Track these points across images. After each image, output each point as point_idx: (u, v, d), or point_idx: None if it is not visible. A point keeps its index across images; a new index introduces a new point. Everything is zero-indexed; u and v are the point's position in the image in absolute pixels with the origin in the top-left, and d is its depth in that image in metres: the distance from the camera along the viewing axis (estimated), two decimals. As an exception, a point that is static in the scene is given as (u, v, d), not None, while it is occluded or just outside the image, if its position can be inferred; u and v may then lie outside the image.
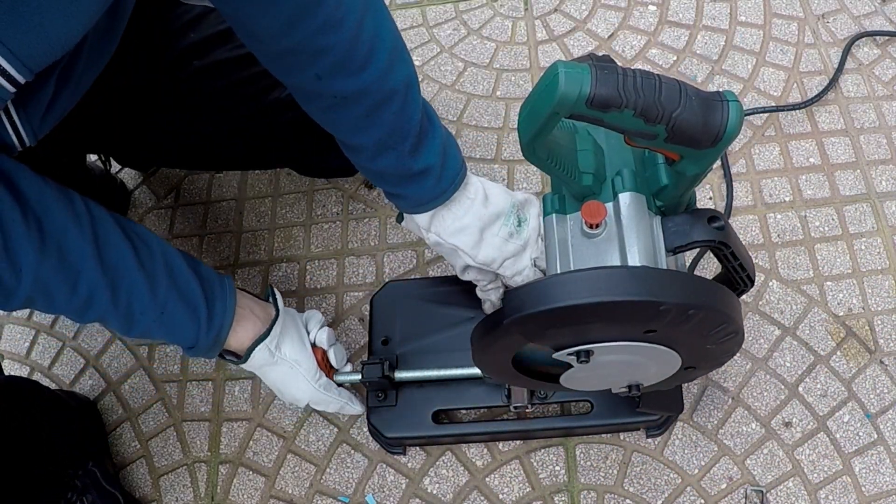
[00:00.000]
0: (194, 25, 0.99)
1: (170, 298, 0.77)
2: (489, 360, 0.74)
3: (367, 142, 0.81)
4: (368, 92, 0.77)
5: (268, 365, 0.89)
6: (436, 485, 1.02)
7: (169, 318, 0.78)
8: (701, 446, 1.01)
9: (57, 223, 0.69)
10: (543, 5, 1.38)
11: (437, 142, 0.83)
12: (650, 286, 0.60)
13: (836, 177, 1.17)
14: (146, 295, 0.75)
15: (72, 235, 0.70)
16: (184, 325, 0.80)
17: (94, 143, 1.15)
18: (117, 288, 0.73)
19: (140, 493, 1.07)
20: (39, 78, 0.64)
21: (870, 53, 1.26)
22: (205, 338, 0.82)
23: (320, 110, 0.81)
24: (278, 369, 0.90)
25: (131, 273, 0.74)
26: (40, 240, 0.67)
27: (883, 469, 0.98)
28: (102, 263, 0.71)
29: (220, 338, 0.83)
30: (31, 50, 0.56)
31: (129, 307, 0.75)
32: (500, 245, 0.88)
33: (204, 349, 0.83)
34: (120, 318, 0.75)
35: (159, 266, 0.77)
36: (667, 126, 0.59)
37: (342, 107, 0.78)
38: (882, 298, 1.08)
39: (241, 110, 1.03)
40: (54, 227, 0.68)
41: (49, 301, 0.71)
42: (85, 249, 0.70)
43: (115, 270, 0.73)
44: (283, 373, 0.90)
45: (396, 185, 0.85)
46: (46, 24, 0.56)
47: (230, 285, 0.85)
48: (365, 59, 0.75)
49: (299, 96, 0.82)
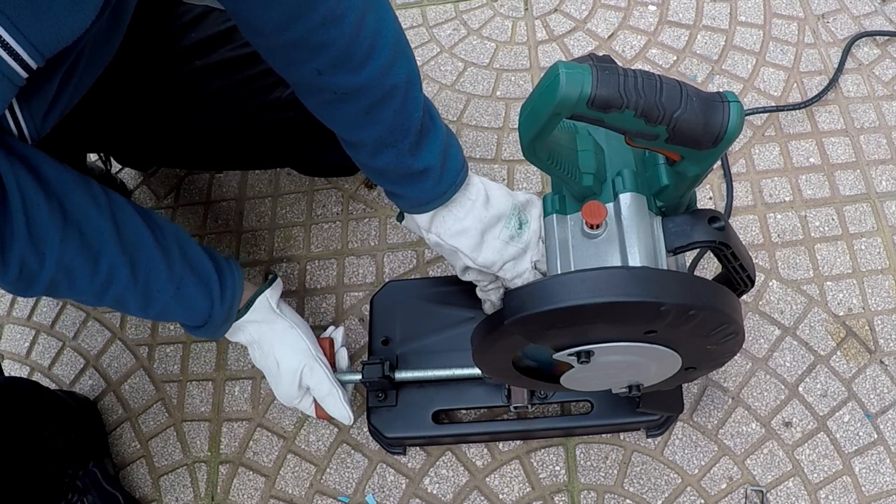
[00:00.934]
0: (195, 25, 0.99)
1: (185, 274, 0.80)
2: (489, 361, 0.74)
3: (367, 139, 0.81)
4: (369, 88, 0.77)
5: (267, 322, 0.90)
6: (436, 485, 1.02)
7: (185, 293, 0.81)
8: (701, 446, 1.01)
9: (78, 205, 0.71)
10: (543, 5, 1.38)
11: (438, 141, 0.83)
12: (650, 287, 0.60)
13: (836, 177, 1.17)
14: (163, 271, 0.78)
15: (92, 216, 0.72)
16: (198, 300, 0.82)
17: (95, 143, 1.15)
18: (136, 265, 0.76)
19: (140, 493, 1.07)
20: (45, 74, 0.64)
21: (870, 53, 1.26)
22: (219, 310, 0.84)
23: (320, 105, 0.81)
24: (277, 327, 0.90)
25: (149, 251, 0.77)
26: (63, 222, 0.69)
27: (883, 469, 0.98)
28: (122, 242, 0.74)
29: (232, 310, 0.86)
30: (43, 35, 0.56)
31: (147, 284, 0.77)
32: (501, 248, 0.87)
33: (218, 322, 0.85)
34: (139, 295, 0.78)
35: (173, 245, 0.80)
36: (668, 127, 0.59)
37: (342, 102, 0.78)
38: (882, 298, 1.08)
39: (241, 110, 1.03)
40: (76, 208, 0.70)
41: (71, 283, 0.73)
42: (104, 229, 0.73)
43: (133, 248, 0.75)
44: (282, 331, 0.90)
45: (396, 183, 0.85)
46: (56, 9, 0.57)
47: (236, 264, 0.88)
48: (366, 55, 0.75)
49: (300, 91, 0.82)
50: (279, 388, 0.92)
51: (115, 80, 0.91)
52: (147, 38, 0.96)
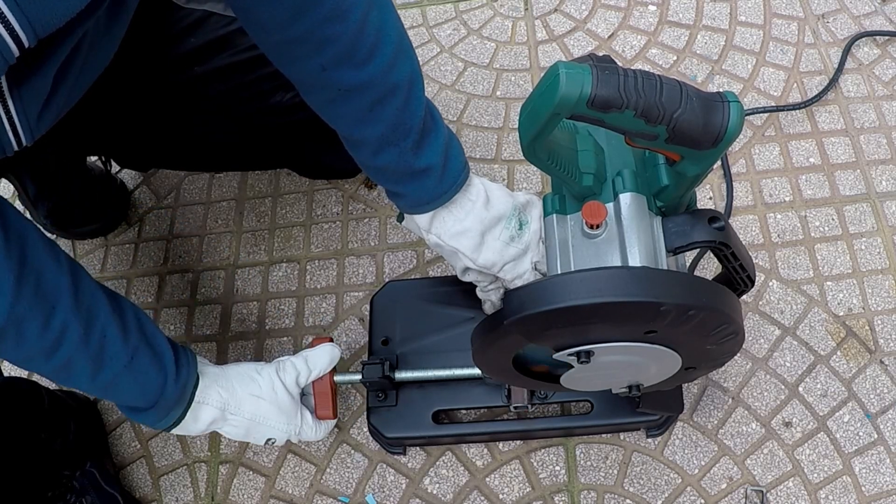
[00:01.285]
0: (194, 30, 0.99)
1: (140, 345, 0.76)
2: (489, 361, 0.74)
3: (370, 136, 0.81)
4: (372, 85, 0.77)
5: (221, 372, 0.86)
6: (436, 485, 1.02)
7: (139, 364, 0.76)
8: (701, 446, 1.01)
9: (37, 255, 0.67)
10: (543, 5, 1.38)
11: (439, 141, 0.83)
12: (651, 287, 0.60)
13: (836, 177, 1.17)
14: (119, 338, 0.73)
15: (50, 268, 0.68)
16: (151, 374, 0.77)
17: (95, 145, 1.15)
18: (91, 327, 0.71)
19: (140, 493, 1.07)
20: (38, 67, 0.63)
21: (870, 53, 1.26)
22: (172, 388, 0.79)
23: (324, 103, 0.81)
24: (230, 372, 0.87)
25: (105, 315, 0.73)
26: (20, 266, 0.65)
27: (883, 469, 0.98)
28: (78, 301, 0.70)
29: (186, 391, 0.81)
30: (38, 9, 0.55)
31: (100, 349, 0.72)
32: (501, 249, 0.87)
33: (171, 402, 0.80)
34: (90, 359, 0.72)
35: (131, 316, 0.76)
36: (668, 127, 0.59)
37: (346, 99, 0.78)
38: (882, 298, 1.08)
39: (241, 114, 1.03)
40: (35, 257, 0.67)
41: (19, 337, 0.67)
42: (62, 284, 0.69)
43: (89, 311, 0.71)
44: (236, 369, 0.87)
45: (397, 182, 0.85)
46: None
47: (192, 351, 0.84)
48: (369, 52, 0.75)
49: (303, 89, 0.82)
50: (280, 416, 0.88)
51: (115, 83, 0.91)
52: (147, 42, 0.96)
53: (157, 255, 1.23)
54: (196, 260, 1.22)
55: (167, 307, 1.18)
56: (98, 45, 0.74)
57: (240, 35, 0.98)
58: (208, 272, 1.21)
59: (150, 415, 0.80)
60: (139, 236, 1.25)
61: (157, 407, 0.79)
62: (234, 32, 0.98)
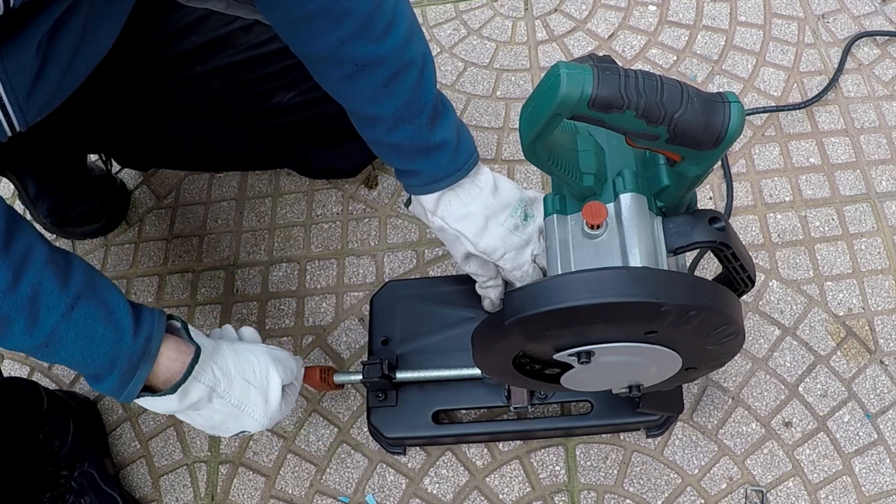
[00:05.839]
0: (195, 29, 0.99)
1: (84, 296, 0.67)
2: (490, 361, 0.74)
3: (386, 112, 0.82)
4: (388, 59, 0.79)
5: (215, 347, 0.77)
6: (436, 485, 1.02)
7: (80, 315, 0.67)
8: (701, 446, 1.01)
9: None
10: (543, 5, 1.38)
11: (451, 120, 0.85)
12: (651, 287, 0.61)
13: (836, 177, 1.17)
14: (55, 287, 0.65)
15: None
16: (98, 328, 0.68)
17: (95, 144, 1.15)
18: (21, 275, 0.64)
19: (140, 493, 1.07)
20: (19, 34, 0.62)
21: (870, 53, 1.26)
22: (131, 345, 0.69)
23: (339, 80, 0.82)
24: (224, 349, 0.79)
25: (40, 263, 0.65)
26: None
27: (883, 469, 0.98)
28: (6, 249, 0.63)
29: (150, 349, 0.70)
30: None
31: (34, 297, 0.65)
32: (505, 235, 0.88)
33: (134, 362, 0.69)
34: (21, 309, 0.64)
35: (78, 269, 0.69)
36: (668, 127, 0.59)
37: (362, 75, 0.79)
38: (882, 298, 1.08)
39: (242, 114, 1.03)
40: None
41: None
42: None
43: (21, 258, 0.64)
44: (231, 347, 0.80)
45: (412, 160, 0.85)
46: None
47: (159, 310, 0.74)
48: (386, 28, 0.77)
49: (319, 66, 0.83)
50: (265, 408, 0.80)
51: (116, 80, 0.91)
52: (147, 40, 0.96)
53: (157, 255, 1.23)
54: (196, 260, 1.22)
55: (167, 307, 1.18)
56: (95, 28, 0.73)
57: (240, 34, 0.98)
58: (208, 272, 1.21)
59: (111, 381, 0.70)
60: (139, 236, 1.25)
61: (116, 371, 0.69)
62: (235, 32, 0.98)
